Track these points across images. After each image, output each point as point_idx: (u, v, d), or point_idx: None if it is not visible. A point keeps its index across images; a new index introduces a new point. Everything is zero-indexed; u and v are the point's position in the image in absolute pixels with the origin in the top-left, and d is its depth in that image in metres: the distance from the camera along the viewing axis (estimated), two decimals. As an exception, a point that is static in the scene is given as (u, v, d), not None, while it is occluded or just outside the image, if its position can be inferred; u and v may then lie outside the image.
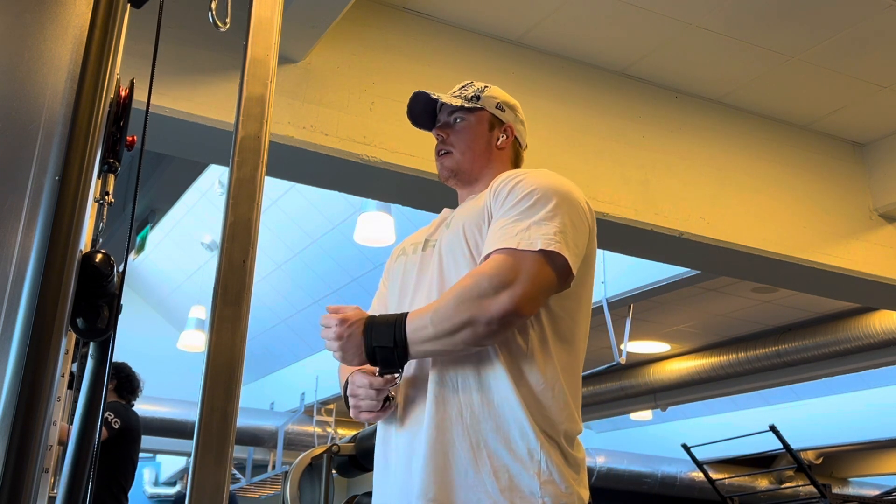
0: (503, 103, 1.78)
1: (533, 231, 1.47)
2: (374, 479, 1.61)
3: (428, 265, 1.63)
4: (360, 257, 7.02)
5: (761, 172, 3.90)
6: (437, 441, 1.46)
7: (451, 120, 1.75)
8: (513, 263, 1.45)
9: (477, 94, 1.76)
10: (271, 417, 8.92)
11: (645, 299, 5.46)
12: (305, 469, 2.31)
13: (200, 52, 2.94)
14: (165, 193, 5.80)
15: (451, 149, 1.73)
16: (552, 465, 1.43)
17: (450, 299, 1.45)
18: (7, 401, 0.82)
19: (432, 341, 1.44)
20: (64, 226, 0.89)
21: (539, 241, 1.46)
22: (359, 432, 2.35)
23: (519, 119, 1.81)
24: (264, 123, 1.11)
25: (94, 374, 1.17)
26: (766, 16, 3.30)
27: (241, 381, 1.00)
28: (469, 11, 3.36)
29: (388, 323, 1.48)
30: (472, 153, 1.72)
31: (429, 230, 1.74)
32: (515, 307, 1.42)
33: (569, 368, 1.54)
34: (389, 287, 1.74)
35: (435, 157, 1.77)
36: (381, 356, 1.47)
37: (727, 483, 9.34)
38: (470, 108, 1.73)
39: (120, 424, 3.86)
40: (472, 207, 1.64)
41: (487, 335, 1.44)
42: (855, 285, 4.06)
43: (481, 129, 1.74)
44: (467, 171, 1.73)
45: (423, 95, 1.75)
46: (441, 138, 1.75)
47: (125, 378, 4.05)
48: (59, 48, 0.95)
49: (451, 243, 1.60)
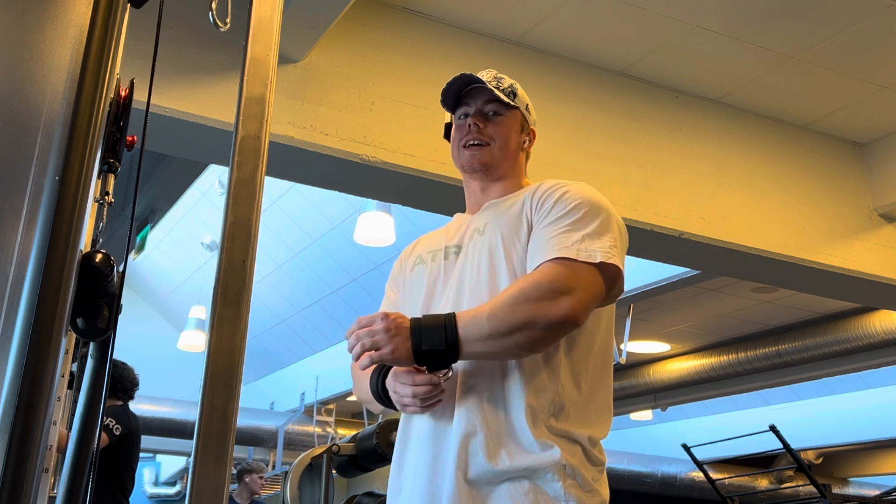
0: (529, 105, 1.76)
1: (588, 243, 1.47)
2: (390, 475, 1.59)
3: (453, 273, 1.60)
4: (360, 257, 7.02)
5: (761, 172, 3.90)
6: (463, 443, 1.45)
7: (488, 111, 1.69)
8: (571, 272, 1.44)
9: (513, 89, 1.72)
10: (271, 417, 8.93)
11: (645, 299, 5.47)
12: (305, 469, 2.31)
13: (200, 52, 2.94)
14: (165, 193, 5.80)
15: (490, 141, 1.66)
16: (576, 468, 1.43)
17: (508, 301, 1.43)
18: (7, 401, 0.82)
19: (486, 341, 1.42)
20: (64, 226, 0.89)
21: (598, 253, 1.46)
22: (359, 432, 2.35)
23: (535, 121, 1.79)
24: (264, 123, 1.11)
25: (94, 374, 1.17)
26: (766, 16, 3.30)
27: (241, 381, 1.00)
28: (469, 11, 3.36)
29: (437, 324, 1.44)
30: (507, 150, 1.68)
31: (445, 237, 1.69)
32: (574, 314, 1.42)
33: (599, 372, 1.54)
34: (409, 295, 1.69)
35: (458, 147, 1.69)
36: (431, 358, 1.44)
37: (727, 483, 9.34)
38: (509, 105, 1.69)
39: (121, 430, 3.84)
40: (506, 214, 1.61)
41: (543, 340, 1.43)
42: (855, 285, 4.06)
43: (516, 128, 1.71)
44: (498, 168, 1.68)
45: (468, 77, 1.68)
46: (477, 128, 1.66)
47: (114, 379, 3.99)
48: (59, 48, 0.95)
49: (487, 250, 1.57)
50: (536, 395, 1.46)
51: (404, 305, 1.68)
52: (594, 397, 1.52)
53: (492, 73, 1.74)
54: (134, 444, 4.01)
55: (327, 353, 8.66)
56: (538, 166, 1.71)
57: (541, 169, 3.35)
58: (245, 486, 6.37)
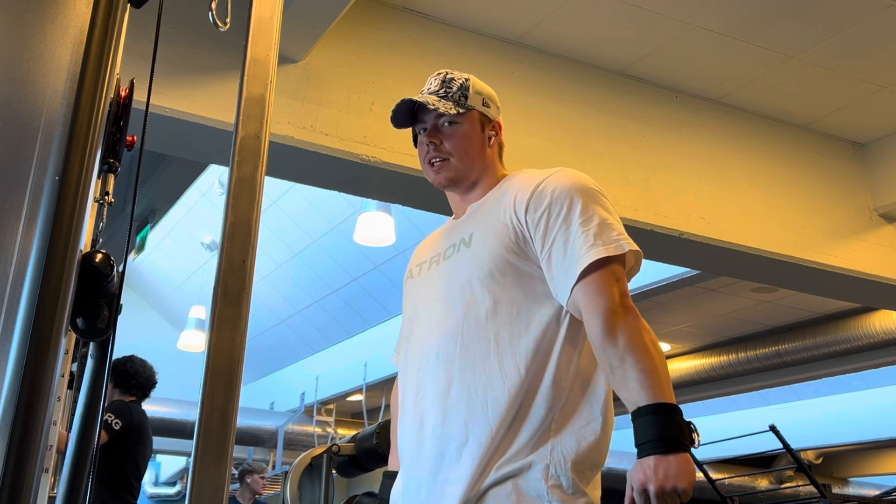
0: (487, 98, 1.70)
1: (607, 233, 1.47)
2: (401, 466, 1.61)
3: (439, 285, 1.60)
4: (360, 257, 7.03)
5: (761, 172, 3.90)
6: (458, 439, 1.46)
7: (441, 124, 1.64)
8: (607, 275, 1.45)
9: (462, 91, 1.66)
10: (271, 417, 8.93)
11: (645, 299, 5.47)
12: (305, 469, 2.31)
13: (200, 52, 2.94)
14: (165, 193, 5.81)
15: (449, 157, 1.63)
16: (560, 469, 1.42)
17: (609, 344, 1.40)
18: (7, 401, 0.82)
19: (659, 371, 1.38)
20: (64, 226, 0.89)
21: (624, 243, 1.47)
22: (359, 432, 2.35)
23: (499, 109, 1.75)
24: (264, 123, 1.11)
25: (94, 374, 1.17)
26: (766, 16, 3.30)
27: (241, 381, 1.00)
28: (469, 11, 3.36)
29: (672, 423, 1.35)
30: (470, 159, 1.64)
31: (432, 248, 1.70)
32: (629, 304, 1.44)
33: (590, 372, 1.53)
34: (406, 308, 1.71)
35: (424, 164, 1.67)
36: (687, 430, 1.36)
37: (727, 483, 9.34)
38: (462, 113, 1.65)
39: (121, 425, 3.73)
40: (488, 222, 1.58)
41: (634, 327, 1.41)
42: (855, 285, 4.06)
43: (474, 131, 1.66)
44: (467, 177, 1.65)
45: (409, 102, 1.65)
46: (434, 146, 1.63)
47: (119, 375, 3.91)
48: (59, 48, 0.95)
49: (472, 262, 1.56)
50: (524, 399, 1.46)
51: (406, 321, 1.69)
52: (584, 398, 1.50)
53: (440, 76, 1.70)
54: (139, 440, 3.88)
55: (327, 353, 8.67)
56: (538, 166, 1.70)
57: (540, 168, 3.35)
58: (247, 487, 6.37)
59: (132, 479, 3.86)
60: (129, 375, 3.94)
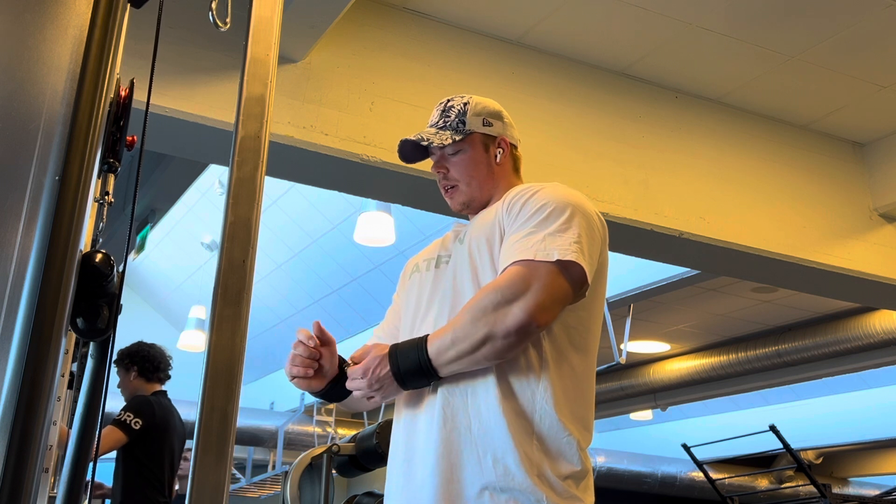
0: (488, 116, 1.73)
1: (549, 242, 1.48)
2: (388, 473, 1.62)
3: (440, 282, 1.64)
4: (360, 257, 7.02)
5: (761, 172, 3.90)
6: (445, 451, 1.47)
7: (446, 153, 1.71)
8: (526, 274, 1.46)
9: (460, 116, 1.71)
10: (271, 417, 8.92)
11: (645, 299, 5.46)
12: (305, 469, 2.31)
13: (200, 52, 2.94)
14: (165, 193, 5.81)
15: (457, 183, 1.71)
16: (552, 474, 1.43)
17: (465, 317, 1.47)
18: (7, 401, 0.82)
19: (457, 361, 1.46)
20: (64, 226, 0.89)
21: (555, 251, 1.47)
22: (359, 432, 2.35)
23: (507, 124, 1.77)
24: (264, 123, 1.11)
25: (94, 374, 1.17)
26: (766, 16, 3.30)
27: (241, 381, 1.00)
28: (469, 11, 3.36)
29: (411, 347, 1.50)
30: (477, 181, 1.70)
31: (442, 246, 1.74)
32: (530, 318, 1.43)
33: (584, 378, 1.55)
34: (404, 303, 1.74)
35: (441, 191, 1.76)
36: (410, 380, 1.50)
37: (727, 483, 9.34)
38: (460, 140, 1.69)
39: (142, 424, 3.56)
40: (483, 223, 1.65)
41: (507, 348, 1.45)
42: (855, 285, 4.06)
43: (477, 154, 1.71)
44: (478, 198, 1.71)
45: (409, 142, 1.72)
46: (442, 174, 1.72)
47: (142, 359, 3.77)
48: (59, 48, 0.95)
49: (463, 260, 1.62)
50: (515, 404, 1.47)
51: (406, 313, 1.72)
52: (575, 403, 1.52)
53: (440, 106, 1.76)
54: (166, 431, 3.69)
55: (327, 353, 8.64)
56: (538, 166, 1.71)
57: (541, 169, 3.36)
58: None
59: (163, 476, 3.69)
60: (145, 360, 3.81)
